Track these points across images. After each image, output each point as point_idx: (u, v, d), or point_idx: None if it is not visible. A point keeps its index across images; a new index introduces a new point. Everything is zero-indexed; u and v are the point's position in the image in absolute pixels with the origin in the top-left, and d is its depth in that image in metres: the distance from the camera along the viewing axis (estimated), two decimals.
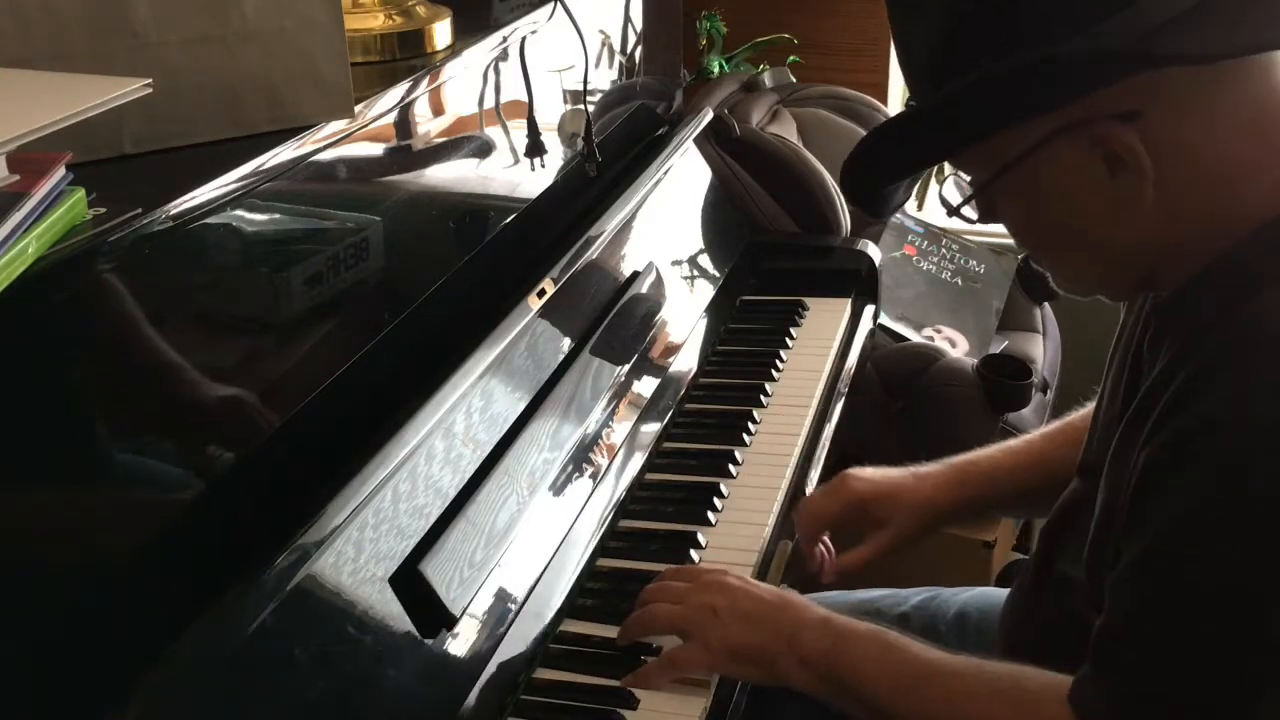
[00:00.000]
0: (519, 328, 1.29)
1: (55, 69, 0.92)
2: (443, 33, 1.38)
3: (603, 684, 1.14)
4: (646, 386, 1.53)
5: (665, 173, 1.77)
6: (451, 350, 1.21)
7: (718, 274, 1.87)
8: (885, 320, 2.15)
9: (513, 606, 1.15)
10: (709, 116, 2.04)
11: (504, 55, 1.45)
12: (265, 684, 0.92)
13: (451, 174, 1.38)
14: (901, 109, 1.10)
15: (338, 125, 1.11)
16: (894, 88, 2.77)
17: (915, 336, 2.20)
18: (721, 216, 1.99)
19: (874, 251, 2.00)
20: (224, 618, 0.90)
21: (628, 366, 1.49)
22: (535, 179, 1.51)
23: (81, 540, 0.87)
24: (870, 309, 1.94)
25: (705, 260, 1.88)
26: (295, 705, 0.93)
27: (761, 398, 1.63)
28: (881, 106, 2.54)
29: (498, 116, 1.46)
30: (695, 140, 1.95)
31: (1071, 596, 1.08)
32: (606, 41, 1.78)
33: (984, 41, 0.89)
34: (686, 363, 1.66)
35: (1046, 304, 2.42)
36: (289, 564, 0.94)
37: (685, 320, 1.70)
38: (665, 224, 1.79)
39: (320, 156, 1.11)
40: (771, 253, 2.02)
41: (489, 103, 1.45)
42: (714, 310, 1.79)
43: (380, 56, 1.33)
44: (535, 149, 1.47)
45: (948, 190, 1.02)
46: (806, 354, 1.76)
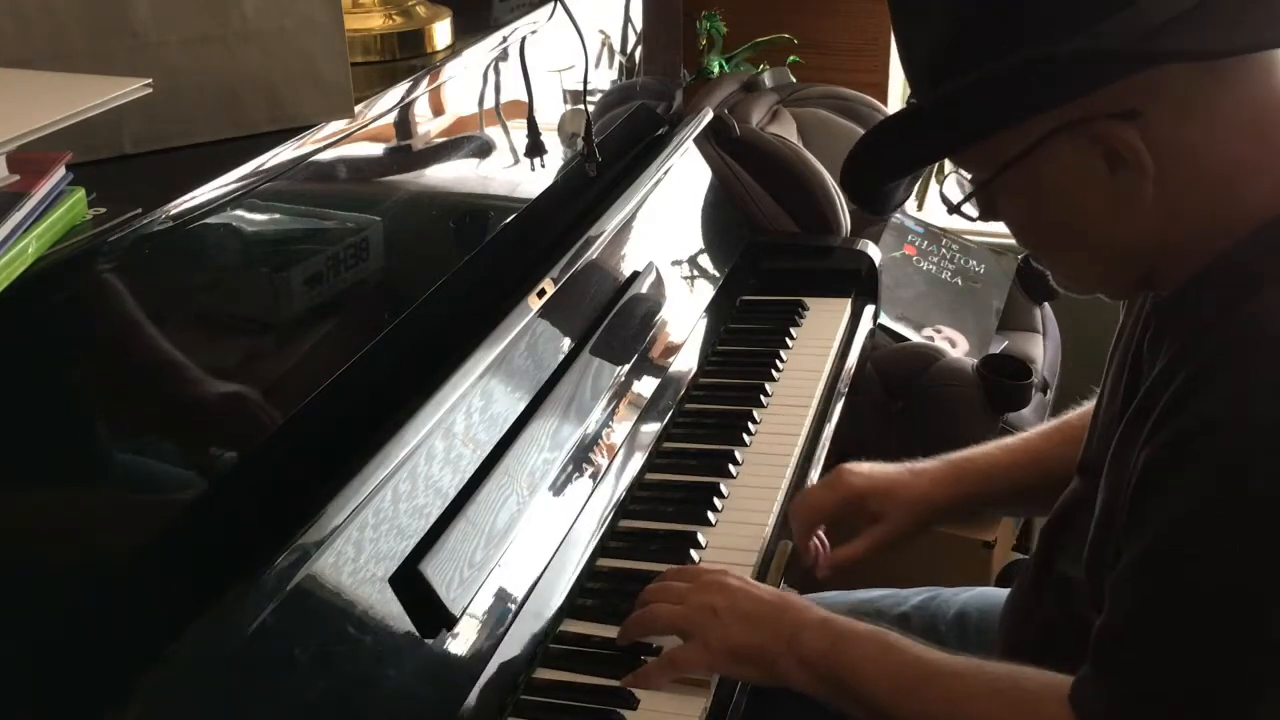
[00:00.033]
0: (519, 328, 1.29)
1: (55, 69, 0.92)
2: (443, 33, 1.38)
3: (603, 684, 1.14)
4: (646, 386, 1.53)
5: (665, 173, 1.77)
6: (451, 350, 1.21)
7: (718, 274, 1.87)
8: (885, 320, 2.15)
9: (513, 606, 1.15)
10: (709, 116, 2.04)
11: (504, 55, 1.45)
12: (265, 684, 0.92)
13: (451, 174, 1.38)
14: (902, 107, 1.10)
15: (338, 125, 1.11)
16: (894, 88, 2.77)
17: (915, 336, 2.20)
18: (721, 216, 1.99)
19: (874, 251, 2.00)
20: (224, 618, 0.90)
21: (628, 366, 1.49)
22: (535, 179, 1.51)
23: (81, 540, 0.87)
24: (870, 309, 1.94)
25: (705, 260, 1.88)
26: (295, 705, 0.93)
27: (761, 398, 1.63)
28: (881, 106, 2.54)
29: (498, 116, 1.46)
30: (695, 140, 1.95)
31: (1071, 597, 1.08)
32: (606, 41, 1.78)
33: (985, 41, 0.89)
34: (686, 363, 1.66)
35: (1046, 304, 2.42)
36: (289, 564, 0.94)
37: (685, 320, 1.70)
38: (665, 224, 1.78)
39: (320, 156, 1.11)
40: (771, 253, 2.02)
41: (489, 103, 1.45)
42: (714, 310, 1.79)
43: (380, 56, 1.33)
44: (535, 149, 1.47)
45: (948, 188, 1.02)
46: (806, 354, 1.76)
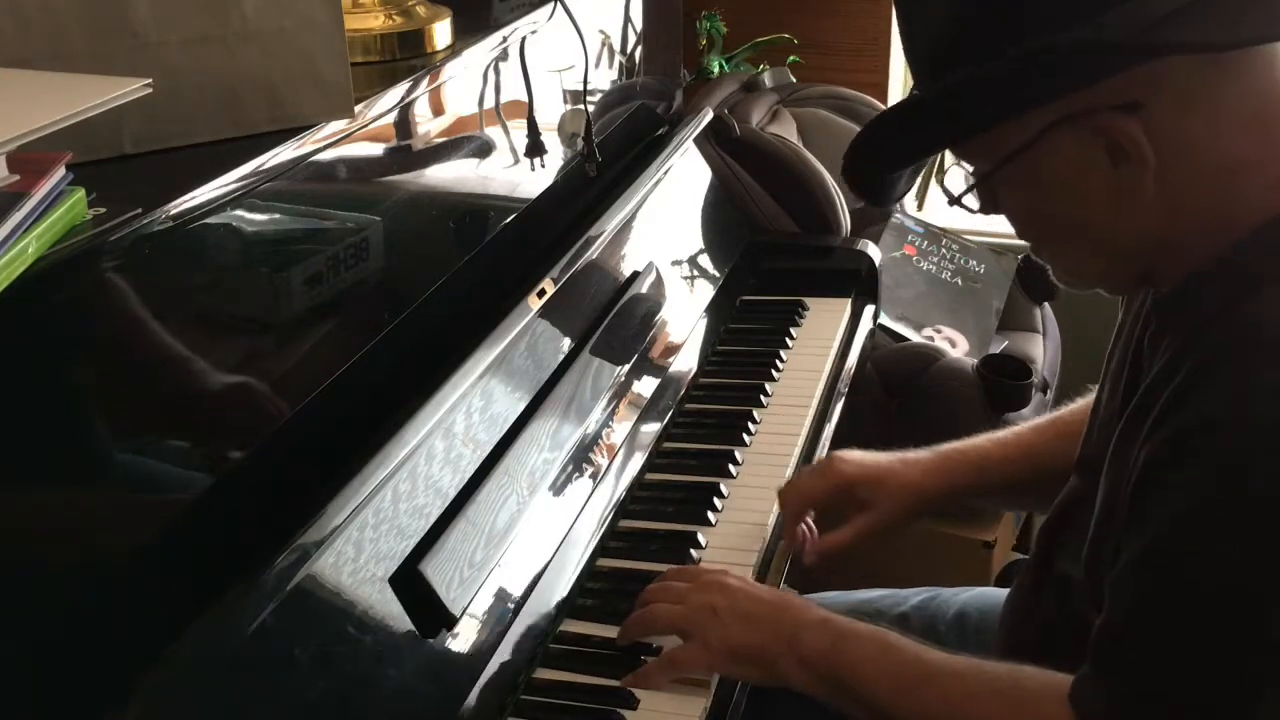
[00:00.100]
0: (519, 328, 1.29)
1: (55, 69, 0.92)
2: (443, 33, 1.38)
3: (603, 684, 1.14)
4: (646, 386, 1.53)
5: (665, 173, 1.77)
6: (451, 350, 1.21)
7: (718, 274, 1.87)
8: (885, 320, 2.15)
9: (513, 606, 1.15)
10: (709, 116, 2.04)
11: (504, 55, 1.45)
12: (265, 684, 0.92)
13: (451, 174, 1.38)
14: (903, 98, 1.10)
15: (338, 125, 1.11)
16: (894, 88, 2.77)
17: (915, 336, 2.20)
18: (721, 216, 1.99)
19: (874, 251, 2.00)
20: (224, 618, 0.90)
21: (628, 366, 1.49)
22: (535, 179, 1.51)
23: (81, 540, 0.87)
24: (870, 309, 1.94)
25: (705, 260, 1.88)
26: (295, 705, 0.93)
27: (761, 398, 1.63)
28: (881, 107, 2.54)
29: (498, 116, 1.46)
30: (695, 140, 1.95)
31: (1071, 596, 1.08)
32: (606, 41, 1.78)
33: (986, 32, 0.89)
34: (686, 363, 1.66)
35: (1046, 304, 2.42)
36: (289, 564, 0.94)
37: (685, 320, 1.70)
38: (665, 224, 1.78)
39: (320, 156, 1.11)
40: (771, 253, 2.02)
41: (489, 103, 1.45)
42: (714, 310, 1.79)
43: (380, 56, 1.33)
44: (535, 149, 1.47)
45: (950, 180, 1.02)
46: (806, 354, 1.76)
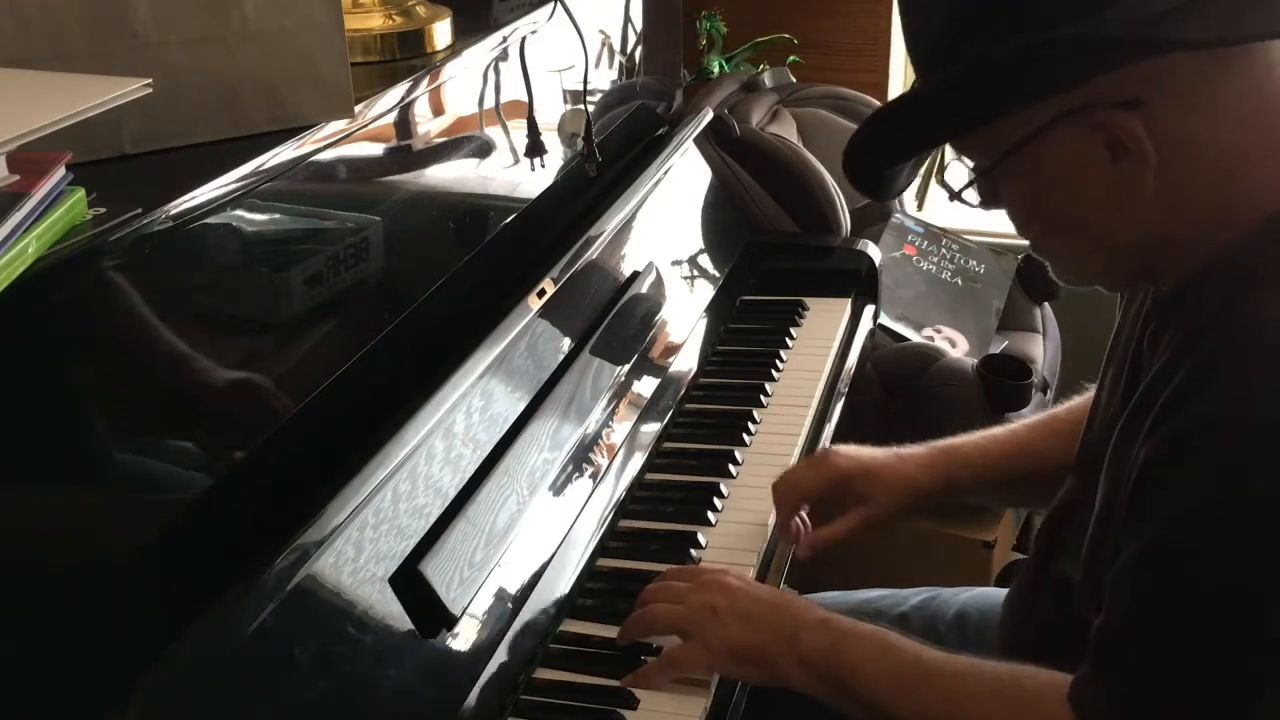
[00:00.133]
0: (519, 328, 1.29)
1: (55, 69, 0.92)
2: (443, 33, 1.38)
3: (603, 684, 1.14)
4: (646, 386, 1.53)
5: (665, 173, 1.77)
6: (451, 350, 1.21)
7: (718, 274, 1.87)
8: (885, 320, 2.15)
9: (513, 606, 1.15)
10: (709, 116, 2.04)
11: (504, 55, 1.45)
12: (265, 684, 0.92)
13: (451, 174, 1.38)
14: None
15: (338, 125, 1.11)
16: (894, 88, 2.77)
17: (915, 336, 2.20)
18: (721, 216, 1.99)
19: (874, 251, 2.00)
20: (224, 618, 0.90)
21: (628, 366, 1.49)
22: (535, 179, 1.51)
23: (81, 540, 0.87)
24: (870, 309, 1.94)
25: (705, 260, 1.88)
26: (295, 705, 0.93)
27: (761, 398, 1.63)
28: None
29: (498, 116, 1.46)
30: (695, 140, 1.95)
31: (1070, 596, 1.08)
32: (606, 41, 1.78)
33: (986, 25, 0.89)
34: (686, 363, 1.66)
35: (1046, 304, 2.42)
36: (289, 564, 0.94)
37: (685, 320, 1.70)
38: (665, 224, 1.78)
39: (320, 156, 1.11)
40: (771, 253, 2.02)
41: (489, 103, 1.45)
42: (714, 310, 1.79)
43: (380, 56, 1.33)
44: (535, 149, 1.47)
45: (952, 176, 1.01)
46: (806, 354, 1.76)
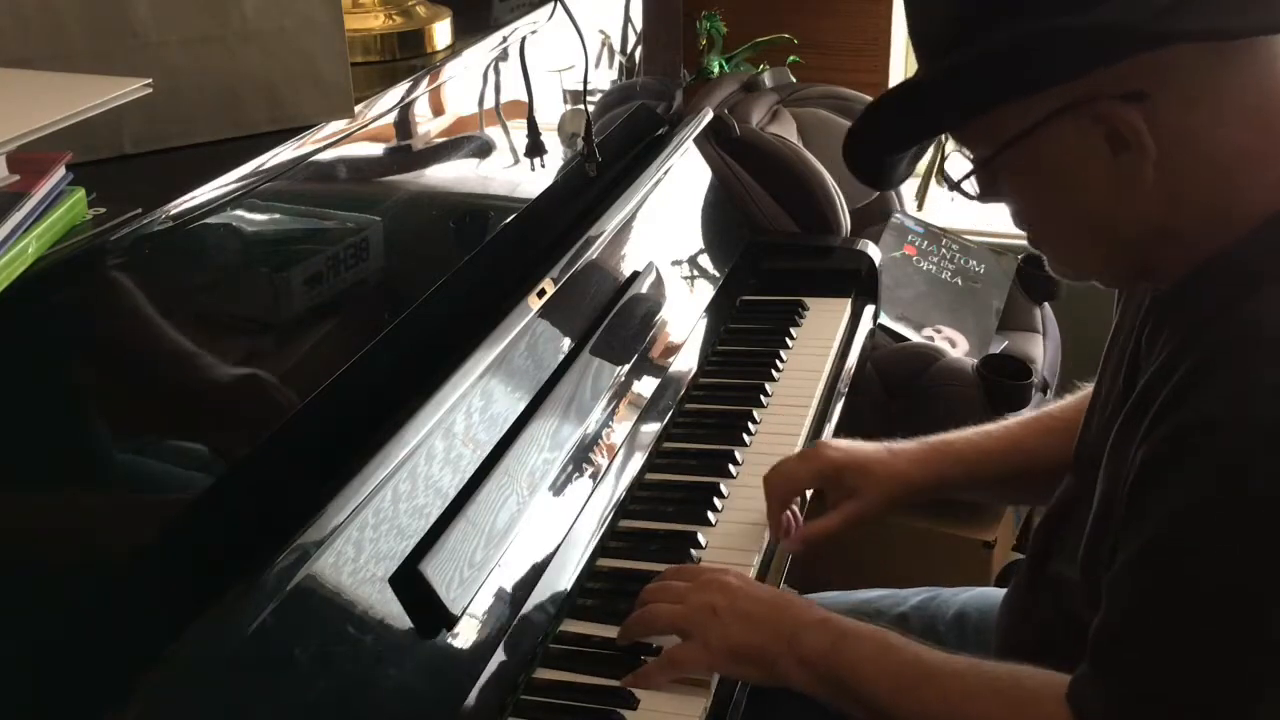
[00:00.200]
0: (519, 328, 1.29)
1: (55, 69, 0.92)
2: (443, 33, 1.38)
3: (603, 684, 1.14)
4: (646, 386, 1.53)
5: (665, 173, 1.77)
6: (451, 350, 1.21)
7: (718, 274, 1.87)
8: (885, 320, 2.14)
9: (513, 606, 1.15)
10: (709, 116, 2.04)
11: (504, 55, 1.45)
12: (265, 684, 0.92)
13: (451, 174, 1.38)
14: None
15: (338, 125, 1.11)
16: None
17: (915, 336, 2.20)
18: (721, 216, 1.99)
19: (874, 251, 2.00)
20: (224, 618, 0.90)
21: (628, 366, 1.49)
22: (535, 179, 1.51)
23: (81, 540, 0.87)
24: (870, 309, 1.94)
25: (705, 260, 1.88)
26: (295, 705, 0.93)
27: (761, 398, 1.63)
28: None
29: (498, 116, 1.46)
30: (695, 140, 1.95)
31: (1068, 597, 1.08)
32: (606, 41, 1.78)
33: (990, 14, 0.89)
34: (686, 363, 1.66)
35: (1046, 304, 2.42)
36: (289, 564, 0.94)
37: (685, 320, 1.70)
38: (665, 224, 1.78)
39: (320, 156, 1.11)
40: (771, 253, 2.02)
41: (489, 103, 1.45)
42: (714, 310, 1.79)
43: (380, 56, 1.33)
44: (535, 149, 1.47)
45: (952, 166, 1.01)
46: (806, 354, 1.76)
